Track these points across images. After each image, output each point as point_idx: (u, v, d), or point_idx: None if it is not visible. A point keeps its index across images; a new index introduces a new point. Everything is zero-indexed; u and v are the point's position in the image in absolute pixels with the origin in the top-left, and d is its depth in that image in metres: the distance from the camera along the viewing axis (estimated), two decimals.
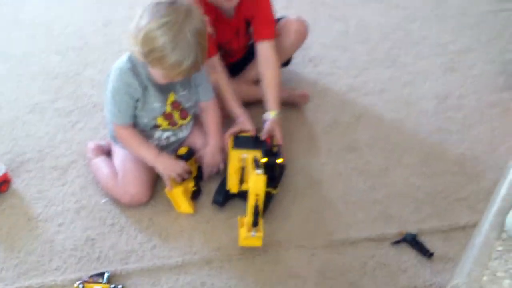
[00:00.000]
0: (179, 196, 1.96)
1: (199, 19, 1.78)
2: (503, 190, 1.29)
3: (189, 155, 2.01)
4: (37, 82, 2.46)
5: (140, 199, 1.98)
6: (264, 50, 2.20)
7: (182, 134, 2.08)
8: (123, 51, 2.54)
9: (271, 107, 2.16)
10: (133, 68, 1.87)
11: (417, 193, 2.08)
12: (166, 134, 2.04)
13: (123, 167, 2.01)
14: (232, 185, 1.99)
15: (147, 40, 1.73)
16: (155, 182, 2.02)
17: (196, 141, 2.10)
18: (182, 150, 2.01)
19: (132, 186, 1.97)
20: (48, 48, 2.64)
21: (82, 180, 2.08)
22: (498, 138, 2.29)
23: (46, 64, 2.55)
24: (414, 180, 2.12)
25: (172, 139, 2.06)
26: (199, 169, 2.06)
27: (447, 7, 3.00)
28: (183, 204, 1.97)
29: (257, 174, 1.75)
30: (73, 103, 2.37)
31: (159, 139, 2.04)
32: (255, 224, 1.80)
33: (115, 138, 2.03)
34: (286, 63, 2.43)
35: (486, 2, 3.05)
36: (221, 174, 2.06)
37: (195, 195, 2.01)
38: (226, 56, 2.27)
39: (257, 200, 1.76)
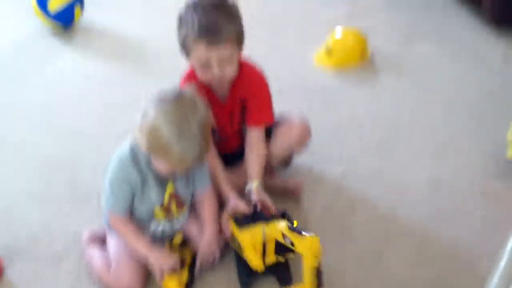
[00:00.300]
0: (173, 287, 1.95)
1: (204, 111, 1.83)
2: (495, 279, 1.31)
3: (184, 245, 2.01)
4: (33, 169, 2.48)
5: None
6: (255, 135, 2.23)
7: (177, 226, 2.08)
8: (120, 137, 2.59)
9: (252, 178, 2.17)
10: (134, 158, 1.90)
11: (413, 281, 2.07)
12: (161, 225, 2.05)
13: (117, 257, 2.00)
14: (258, 264, 1.96)
15: (153, 133, 1.78)
16: (149, 272, 2.00)
17: (192, 230, 2.11)
18: (177, 239, 2.02)
19: (125, 276, 1.96)
20: (44, 134, 2.67)
21: (76, 269, 2.06)
22: (491, 226, 2.29)
23: (42, 151, 2.57)
24: (409, 268, 2.12)
25: (168, 230, 2.07)
26: (194, 258, 2.05)
27: (436, 94, 3.07)
28: None
29: (309, 236, 1.76)
30: (69, 190, 2.38)
31: (155, 230, 2.05)
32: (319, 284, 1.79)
33: (110, 226, 2.04)
34: (287, 163, 2.45)
35: (475, 90, 3.11)
36: (216, 263, 2.06)
37: (189, 285, 1.99)
38: (221, 145, 2.28)
39: (318, 263, 1.76)
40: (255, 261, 1.96)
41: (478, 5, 3.67)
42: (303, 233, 1.78)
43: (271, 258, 1.98)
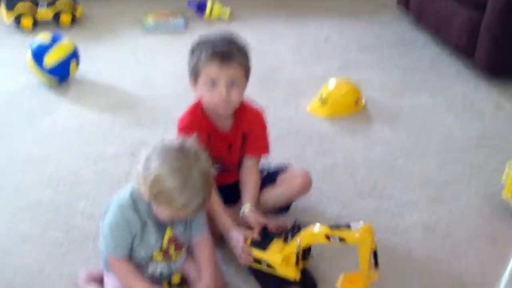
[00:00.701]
0: None
1: (206, 161, 1.87)
2: None
3: (182, 284, 2.00)
4: (29, 214, 2.47)
5: None
6: (250, 163, 2.37)
7: (175, 266, 2.08)
8: (115, 185, 2.64)
9: (246, 201, 2.28)
10: (134, 204, 1.92)
11: None
12: (160, 267, 2.04)
13: None
14: (296, 274, 2.06)
15: (156, 183, 1.80)
16: None
17: (189, 269, 2.10)
18: (175, 279, 2.01)
19: None
20: (40, 182, 2.67)
21: None
22: (487, 269, 2.29)
23: (38, 197, 2.57)
24: None
25: (166, 272, 2.06)
26: None
27: (429, 143, 3.10)
28: None
29: (365, 224, 1.95)
30: (64, 234, 2.37)
31: (153, 271, 2.04)
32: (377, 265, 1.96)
33: (108, 267, 2.03)
34: (286, 208, 2.49)
35: (467, 138, 3.15)
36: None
37: None
38: (221, 176, 2.31)
39: (375, 245, 1.94)
40: (292, 273, 2.05)
41: (471, 57, 3.75)
42: (351, 225, 1.93)
43: (301, 265, 2.07)
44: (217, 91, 2.17)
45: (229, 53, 2.16)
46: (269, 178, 2.43)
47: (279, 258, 2.06)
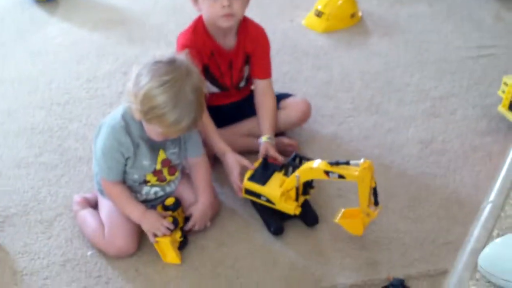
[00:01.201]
0: (166, 247, 1.95)
1: (198, 77, 1.83)
2: (476, 231, 1.30)
3: (176, 206, 2.00)
4: (22, 137, 2.46)
5: (127, 251, 1.97)
6: (264, 85, 2.33)
7: (170, 188, 2.08)
8: (108, 105, 2.61)
9: (263, 133, 2.25)
10: (126, 126, 1.89)
11: (404, 238, 2.08)
12: (154, 189, 2.04)
13: (109, 220, 2.00)
14: (295, 209, 2.05)
15: (147, 98, 1.76)
16: (141, 233, 2.00)
17: (184, 193, 2.10)
18: (169, 201, 2.01)
19: (118, 238, 1.96)
20: (33, 104, 2.65)
21: (68, 233, 2.06)
22: (483, 182, 2.29)
23: (31, 119, 2.55)
24: (400, 225, 2.12)
25: (160, 194, 2.07)
26: (186, 219, 2.05)
27: (427, 54, 3.05)
28: (170, 254, 1.96)
29: (366, 161, 1.87)
30: (58, 157, 2.37)
31: (147, 194, 2.04)
32: (376, 203, 1.94)
33: (102, 191, 2.03)
34: (282, 133, 2.46)
35: (466, 49, 3.10)
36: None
37: (182, 246, 1.99)
38: (220, 96, 2.33)
39: (375, 182, 1.90)
40: (291, 208, 2.04)
41: None
42: (351, 162, 1.88)
43: (301, 199, 2.07)
44: (219, 3, 2.11)
45: None
46: None
47: (278, 192, 2.04)
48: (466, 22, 3.34)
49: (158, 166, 1.98)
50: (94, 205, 2.12)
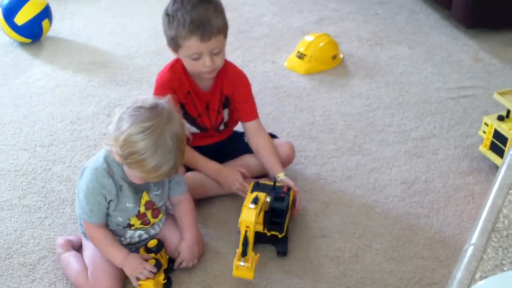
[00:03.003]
0: None
1: (179, 123, 1.83)
2: (458, 274, 1.31)
3: (159, 248, 1.99)
4: (5, 180, 2.45)
5: None
6: (253, 126, 2.36)
7: (154, 231, 2.07)
8: (91, 147, 2.61)
9: (277, 171, 2.28)
10: (109, 168, 1.89)
11: (389, 278, 2.08)
12: (138, 232, 2.03)
13: (93, 262, 1.99)
14: (245, 219, 2.01)
15: (127, 144, 1.76)
16: (125, 275, 1.98)
17: (169, 234, 2.10)
18: (152, 243, 2.00)
19: (102, 281, 1.94)
20: (16, 146, 2.64)
21: (51, 277, 2.04)
22: (466, 222, 2.32)
23: (15, 162, 2.54)
24: (385, 266, 2.12)
25: (144, 236, 2.06)
26: (170, 261, 2.04)
27: (408, 96, 3.09)
28: None
29: (249, 208, 1.92)
30: (42, 199, 2.36)
31: (131, 237, 2.03)
32: (243, 253, 1.92)
33: (85, 234, 2.02)
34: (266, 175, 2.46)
35: (446, 90, 3.14)
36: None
37: (166, 287, 1.98)
38: (201, 137, 2.35)
39: (246, 231, 1.90)
40: (243, 215, 1.98)
41: (449, 9, 3.72)
42: (251, 205, 1.93)
43: (259, 227, 2.08)
44: (201, 62, 2.14)
45: (208, 24, 2.08)
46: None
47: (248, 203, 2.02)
48: (446, 64, 3.39)
49: (142, 209, 1.98)
50: (78, 248, 2.11)
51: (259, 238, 2.08)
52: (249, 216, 1.90)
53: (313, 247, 2.19)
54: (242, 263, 1.92)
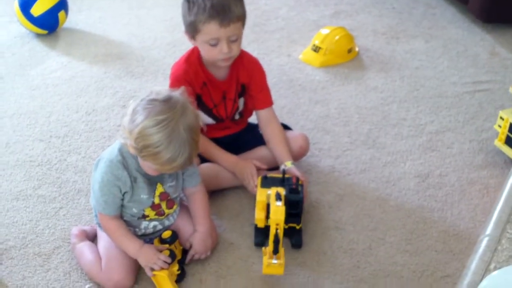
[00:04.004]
0: (163, 281, 1.94)
1: (193, 115, 1.82)
2: (473, 264, 1.31)
3: (173, 239, 2.00)
4: (21, 170, 2.46)
5: (125, 285, 1.96)
6: (265, 114, 2.37)
7: (168, 222, 2.08)
8: (106, 138, 2.62)
9: (285, 159, 2.28)
10: (123, 160, 1.89)
11: (402, 271, 2.08)
12: (153, 223, 2.04)
13: (107, 253, 2.00)
14: (259, 221, 2.08)
15: (142, 137, 1.76)
16: (139, 267, 1.99)
17: (183, 225, 2.11)
18: (166, 234, 2.01)
19: (116, 272, 1.95)
20: (32, 136, 2.66)
21: (66, 266, 2.06)
22: (480, 216, 2.31)
23: (30, 152, 2.56)
24: (398, 258, 2.12)
25: (159, 227, 2.06)
26: (184, 252, 2.05)
27: (424, 90, 3.08)
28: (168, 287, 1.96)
29: (277, 206, 1.91)
30: (57, 189, 2.37)
31: (146, 228, 2.04)
32: (275, 251, 1.92)
33: (100, 224, 2.03)
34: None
35: (462, 84, 3.13)
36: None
37: (179, 278, 1.99)
38: (216, 128, 2.36)
39: (277, 229, 1.89)
40: (258, 217, 2.08)
41: (465, 3, 3.70)
42: (277, 202, 1.92)
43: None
44: (218, 49, 2.15)
45: (228, 9, 2.10)
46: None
47: (263, 202, 2.07)
48: (462, 58, 3.38)
49: (156, 200, 1.98)
50: (93, 238, 2.12)
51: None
52: (279, 214, 1.89)
53: (327, 239, 2.19)
54: (274, 261, 1.93)
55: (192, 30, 2.16)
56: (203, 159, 2.31)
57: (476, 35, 3.62)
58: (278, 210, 1.89)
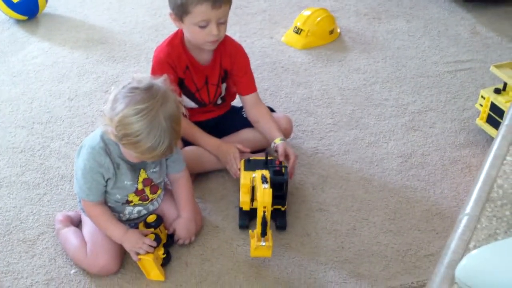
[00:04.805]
0: (149, 265, 1.95)
1: (174, 104, 1.81)
2: (453, 244, 1.32)
3: (158, 223, 2.01)
4: (4, 157, 2.45)
5: (110, 269, 1.97)
6: (252, 99, 2.38)
7: (153, 207, 2.09)
8: (89, 124, 2.62)
9: (275, 136, 2.29)
10: (106, 147, 1.89)
11: (386, 250, 2.10)
12: (137, 209, 2.04)
13: (92, 238, 2.00)
14: (244, 204, 2.08)
15: (122, 125, 1.75)
16: (124, 251, 1.99)
17: (167, 209, 2.11)
18: (151, 218, 2.01)
19: (101, 257, 1.96)
20: (14, 123, 2.64)
21: (51, 252, 2.06)
22: (462, 194, 2.33)
23: (12, 139, 2.55)
24: (382, 238, 2.14)
25: (143, 212, 2.07)
26: (169, 236, 2.06)
27: (405, 70, 3.09)
28: (153, 272, 1.96)
29: (264, 188, 1.90)
30: (40, 175, 2.37)
31: (130, 213, 2.05)
32: (263, 234, 1.93)
33: (84, 211, 2.03)
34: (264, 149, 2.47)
35: (443, 64, 3.14)
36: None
37: (165, 262, 2.00)
38: (198, 112, 2.37)
39: (264, 212, 1.89)
40: (242, 200, 2.08)
41: None
42: (264, 185, 1.91)
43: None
44: (207, 31, 2.14)
45: None
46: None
47: (247, 185, 2.07)
48: (443, 38, 3.39)
49: (140, 186, 1.98)
50: (77, 223, 2.12)
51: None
52: (266, 197, 1.89)
53: (310, 220, 2.20)
54: (263, 243, 1.93)
55: (182, 11, 2.14)
56: (187, 143, 2.31)
57: (457, 14, 3.63)
58: (266, 192, 1.89)
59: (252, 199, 2.08)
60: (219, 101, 2.40)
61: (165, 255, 1.99)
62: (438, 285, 1.24)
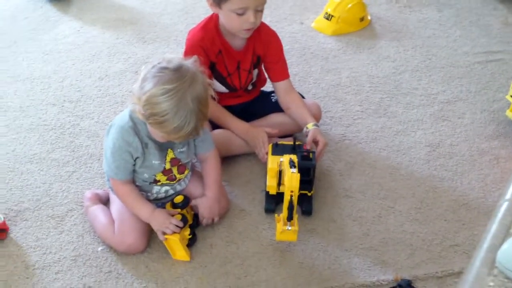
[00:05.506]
0: (175, 244, 1.97)
1: (203, 85, 1.81)
2: (493, 228, 1.32)
3: (185, 204, 2.02)
4: (34, 134, 2.48)
5: (137, 248, 1.99)
6: (284, 86, 2.39)
7: (180, 187, 2.10)
8: (119, 104, 2.64)
9: (307, 121, 2.29)
10: (134, 126, 1.90)
11: (411, 239, 2.10)
12: (164, 188, 2.06)
13: (120, 216, 2.02)
14: (271, 187, 2.11)
15: (149, 104, 1.76)
16: (151, 230, 2.01)
17: (194, 190, 2.12)
18: (178, 199, 2.03)
19: (128, 235, 1.98)
20: (45, 101, 2.67)
21: (79, 229, 2.09)
22: (490, 186, 2.32)
23: (43, 116, 2.58)
24: (408, 227, 2.14)
25: (171, 192, 2.09)
26: (195, 217, 2.07)
27: (436, 59, 3.07)
28: (179, 251, 1.98)
29: (292, 173, 1.89)
30: (70, 153, 2.39)
31: (158, 193, 2.06)
32: (289, 218, 1.92)
33: (112, 190, 2.05)
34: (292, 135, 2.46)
35: (474, 54, 3.12)
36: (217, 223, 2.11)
37: (191, 243, 2.02)
38: (229, 97, 2.37)
39: (291, 196, 1.89)
40: (269, 184, 2.11)
41: None
42: (292, 169, 1.90)
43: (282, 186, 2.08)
44: (245, 18, 2.14)
45: None
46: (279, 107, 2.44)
47: (274, 169, 2.10)
48: (474, 28, 3.36)
49: (167, 166, 2.00)
50: (105, 202, 2.15)
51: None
52: (293, 181, 1.89)
53: (337, 206, 2.21)
54: (288, 227, 1.93)
55: None
56: (215, 126, 2.32)
57: (488, 4, 3.60)
58: (293, 177, 1.89)
59: (279, 183, 2.09)
60: (250, 87, 2.41)
61: (191, 236, 2.00)
62: (478, 268, 1.24)
